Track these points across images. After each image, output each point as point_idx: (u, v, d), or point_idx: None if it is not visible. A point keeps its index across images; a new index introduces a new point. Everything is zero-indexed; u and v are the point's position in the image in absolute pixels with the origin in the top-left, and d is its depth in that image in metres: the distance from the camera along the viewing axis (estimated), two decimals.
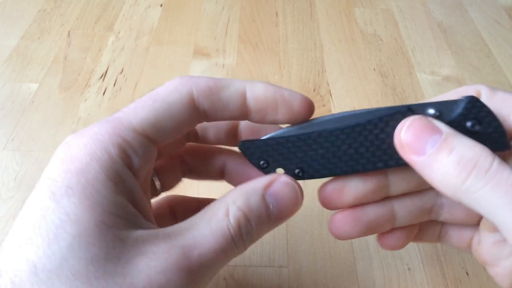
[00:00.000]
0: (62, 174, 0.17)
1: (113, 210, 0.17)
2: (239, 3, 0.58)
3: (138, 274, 0.16)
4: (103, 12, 0.56)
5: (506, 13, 0.58)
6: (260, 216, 0.20)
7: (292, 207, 0.21)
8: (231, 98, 0.21)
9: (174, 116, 0.20)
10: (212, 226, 0.18)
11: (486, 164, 0.17)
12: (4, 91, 0.45)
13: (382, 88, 0.46)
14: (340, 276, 0.31)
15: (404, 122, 0.20)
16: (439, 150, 0.18)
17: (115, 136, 0.18)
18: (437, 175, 0.19)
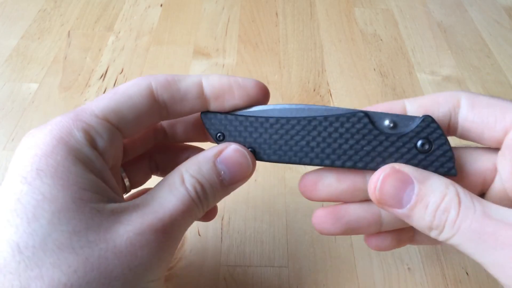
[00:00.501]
0: (30, 159, 0.18)
1: (87, 187, 0.18)
2: (239, 3, 0.58)
3: (120, 238, 0.18)
4: (103, 12, 0.56)
5: (506, 13, 0.58)
6: (212, 182, 0.21)
7: (243, 173, 0.22)
8: (189, 88, 0.22)
9: (134, 105, 0.21)
10: (174, 193, 0.20)
11: (453, 216, 0.19)
12: (4, 91, 0.45)
13: (382, 88, 0.46)
14: (340, 276, 0.31)
15: (376, 178, 0.21)
16: (416, 205, 0.20)
17: (78, 122, 0.19)
18: (417, 226, 0.20)
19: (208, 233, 0.33)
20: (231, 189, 0.22)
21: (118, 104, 0.21)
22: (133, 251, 0.18)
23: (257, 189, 0.36)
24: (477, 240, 0.18)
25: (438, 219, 0.19)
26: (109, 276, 0.17)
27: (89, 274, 0.17)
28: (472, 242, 0.19)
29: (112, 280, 0.17)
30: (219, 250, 0.32)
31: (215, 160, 0.22)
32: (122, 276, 0.17)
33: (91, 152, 0.19)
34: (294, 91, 0.46)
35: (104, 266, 0.17)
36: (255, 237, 0.33)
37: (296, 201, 0.36)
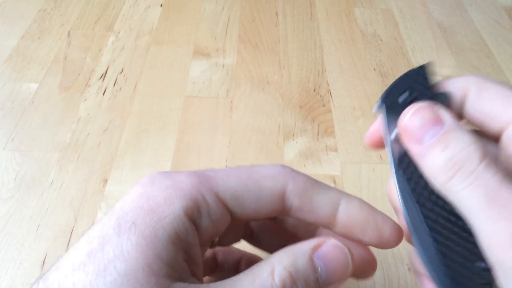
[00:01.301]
0: (134, 209, 0.18)
1: (163, 258, 0.17)
2: (239, 3, 0.58)
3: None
4: (103, 12, 0.56)
5: (506, 13, 0.58)
6: (307, 278, 0.19)
7: (342, 272, 0.20)
8: (322, 205, 0.21)
9: (260, 200, 0.20)
10: (256, 285, 0.18)
11: (472, 167, 0.18)
12: (4, 91, 0.45)
13: (382, 88, 0.46)
14: None
15: (411, 107, 0.20)
16: (435, 145, 0.19)
17: (196, 191, 0.19)
18: (428, 167, 0.19)
19: None
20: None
21: (244, 193, 0.20)
22: None
23: None
24: (485, 204, 0.17)
25: (451, 166, 0.18)
26: None
27: None
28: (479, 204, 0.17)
29: None
30: None
31: (313, 255, 0.19)
32: None
33: (189, 226, 0.19)
34: (294, 91, 0.46)
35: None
36: None
37: None
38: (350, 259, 0.20)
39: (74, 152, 0.39)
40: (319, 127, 0.42)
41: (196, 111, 0.43)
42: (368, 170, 0.38)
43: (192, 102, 0.44)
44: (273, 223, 0.25)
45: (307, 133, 0.41)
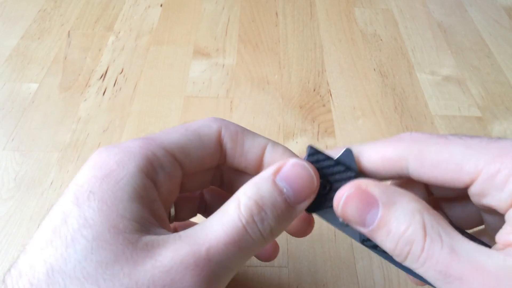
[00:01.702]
0: (88, 180, 0.18)
1: (127, 215, 0.18)
2: (239, 3, 0.58)
3: (144, 275, 0.17)
4: (103, 12, 0.56)
5: (506, 13, 0.58)
6: (274, 202, 0.19)
7: (308, 188, 0.20)
8: (252, 148, 0.22)
9: (202, 146, 0.21)
10: (223, 220, 0.18)
11: (418, 247, 0.18)
12: (4, 91, 0.45)
13: (382, 88, 0.46)
14: (340, 276, 0.31)
15: (339, 196, 0.19)
16: (378, 230, 0.19)
17: (145, 150, 0.19)
18: (383, 247, 0.19)
19: None
20: (298, 210, 0.20)
21: (187, 142, 0.21)
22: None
23: None
24: (442, 280, 0.17)
25: (400, 249, 0.18)
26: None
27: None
28: (437, 281, 0.17)
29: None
30: None
31: (275, 178, 0.19)
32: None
33: (147, 182, 0.19)
34: (294, 91, 0.46)
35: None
36: None
37: None
38: (312, 172, 0.20)
39: (74, 152, 0.39)
40: (319, 127, 0.42)
41: (196, 111, 0.43)
42: None
43: (192, 102, 0.44)
44: (224, 193, 0.26)
45: (307, 133, 0.41)
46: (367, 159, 0.21)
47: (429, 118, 0.43)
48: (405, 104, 0.45)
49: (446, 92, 0.46)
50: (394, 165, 0.20)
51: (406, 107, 0.44)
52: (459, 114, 0.44)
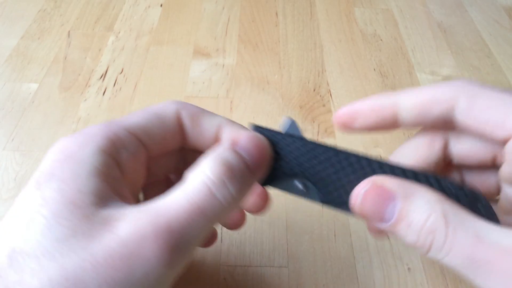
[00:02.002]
0: (50, 165, 0.19)
1: (85, 189, 0.18)
2: (239, 3, 0.58)
3: (100, 248, 0.16)
4: (103, 12, 0.56)
5: (506, 13, 0.58)
6: (239, 166, 0.20)
7: (264, 155, 0.21)
8: (209, 127, 0.23)
9: (162, 126, 0.22)
10: (186, 190, 0.18)
11: (441, 236, 0.18)
12: (4, 91, 0.45)
13: (382, 88, 0.46)
14: (340, 276, 0.31)
15: (356, 193, 0.20)
16: (398, 223, 0.19)
17: (106, 131, 0.20)
18: (404, 241, 0.19)
19: None
20: (257, 175, 0.21)
21: (148, 122, 0.21)
22: (111, 263, 0.16)
23: None
24: (470, 266, 0.17)
25: (423, 240, 0.18)
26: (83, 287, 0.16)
27: (63, 284, 0.16)
28: (465, 268, 0.17)
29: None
30: (219, 250, 0.32)
31: (234, 147, 0.20)
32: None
33: (108, 160, 0.19)
34: (294, 91, 0.46)
35: (80, 277, 0.16)
36: (255, 237, 0.33)
37: (296, 201, 0.36)
38: (266, 142, 0.22)
39: None
40: (319, 127, 0.42)
41: None
42: None
43: (192, 102, 0.44)
44: None
45: (307, 133, 0.41)
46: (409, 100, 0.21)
47: None
48: None
49: None
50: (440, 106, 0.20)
51: None
52: None
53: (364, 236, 0.33)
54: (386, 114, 0.21)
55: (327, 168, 0.21)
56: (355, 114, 0.22)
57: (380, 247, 0.33)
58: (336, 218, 0.34)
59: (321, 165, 0.21)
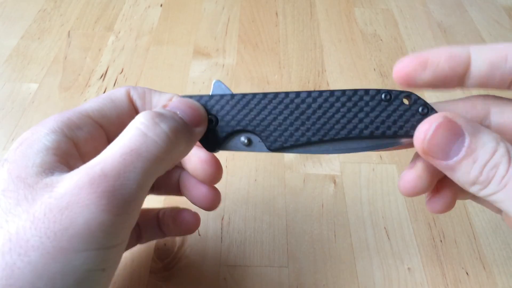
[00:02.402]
0: (7, 153, 0.20)
1: (30, 163, 0.19)
2: (239, 3, 0.58)
3: (40, 206, 0.17)
4: (103, 12, 0.56)
5: (506, 13, 0.58)
6: (173, 115, 0.21)
7: (198, 112, 0.22)
8: (159, 102, 0.24)
9: (115, 106, 0.23)
10: (119, 140, 0.19)
11: (503, 171, 0.19)
12: (4, 91, 0.45)
13: (382, 88, 0.46)
14: (340, 276, 0.31)
15: (427, 126, 0.20)
16: (464, 158, 0.20)
17: (58, 117, 0.21)
18: (461, 179, 0.20)
19: (208, 233, 0.33)
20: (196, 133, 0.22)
21: (101, 105, 0.23)
22: (51, 217, 0.17)
23: (257, 189, 0.36)
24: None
25: (486, 175, 0.19)
26: (25, 245, 0.17)
27: (6, 245, 0.17)
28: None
29: (29, 249, 0.17)
30: (219, 250, 0.32)
31: (166, 107, 0.22)
32: (40, 244, 0.17)
33: (60, 138, 0.20)
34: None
35: (21, 235, 0.17)
36: (255, 237, 0.33)
37: (296, 201, 0.36)
38: (198, 103, 0.23)
39: None
40: None
41: None
42: (368, 170, 0.38)
43: None
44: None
45: None
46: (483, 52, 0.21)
47: None
48: None
49: (446, 92, 0.46)
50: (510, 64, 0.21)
51: None
52: None
53: (364, 236, 0.33)
54: (460, 64, 0.21)
55: (266, 116, 0.22)
56: (425, 62, 0.21)
57: (380, 247, 0.33)
58: (336, 218, 0.34)
59: (259, 115, 0.22)
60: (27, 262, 0.16)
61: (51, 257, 0.17)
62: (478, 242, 0.33)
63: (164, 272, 0.31)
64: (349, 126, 0.22)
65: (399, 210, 0.35)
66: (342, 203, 0.35)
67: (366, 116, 0.22)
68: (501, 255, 0.32)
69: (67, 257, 0.17)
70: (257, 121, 0.22)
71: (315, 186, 0.37)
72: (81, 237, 0.17)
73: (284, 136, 0.22)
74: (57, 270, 0.17)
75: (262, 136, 0.22)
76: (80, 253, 0.17)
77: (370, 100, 0.22)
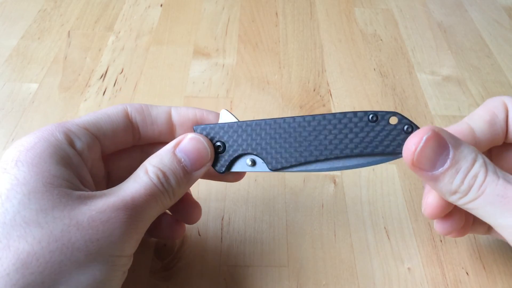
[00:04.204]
0: (13, 154, 0.21)
1: (58, 175, 0.21)
2: (239, 3, 0.58)
3: (82, 215, 0.20)
4: (103, 12, 0.56)
5: (506, 13, 0.58)
6: (174, 170, 0.24)
7: (202, 158, 0.25)
8: (159, 114, 0.27)
9: (111, 121, 0.25)
10: (138, 181, 0.23)
11: (481, 179, 0.21)
12: (4, 91, 0.45)
13: (382, 88, 0.46)
14: (340, 276, 0.31)
15: (417, 139, 0.22)
16: (449, 169, 0.21)
17: (60, 126, 0.23)
18: (443, 187, 0.22)
19: (208, 233, 0.33)
20: (195, 176, 0.25)
21: (97, 119, 0.25)
22: (94, 226, 0.20)
23: (257, 189, 0.36)
24: (498, 203, 0.20)
25: (467, 184, 0.21)
26: (72, 246, 0.19)
27: (52, 244, 0.19)
28: (493, 205, 0.20)
29: (75, 250, 0.19)
30: (219, 250, 0.32)
31: (175, 150, 0.24)
32: (84, 247, 0.19)
33: (68, 149, 0.22)
34: (294, 91, 0.46)
35: (67, 238, 0.19)
36: (255, 237, 0.33)
37: (296, 201, 0.36)
38: (206, 144, 0.25)
39: None
40: None
41: None
42: (368, 170, 0.38)
43: (192, 102, 0.44)
44: None
45: None
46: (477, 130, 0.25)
47: (429, 118, 0.43)
48: (405, 104, 0.45)
49: (446, 92, 0.46)
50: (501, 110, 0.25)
51: (406, 107, 0.44)
52: (459, 114, 0.44)
53: (364, 236, 0.33)
54: None
55: (267, 140, 0.25)
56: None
57: (380, 247, 0.33)
58: (336, 218, 0.34)
59: (261, 140, 0.25)
60: (74, 260, 0.19)
61: (93, 257, 0.20)
62: (478, 242, 0.33)
63: (164, 272, 0.31)
64: (341, 146, 0.24)
65: (399, 210, 0.35)
66: (342, 203, 0.35)
67: (355, 137, 0.24)
68: (501, 255, 0.32)
69: (105, 258, 0.20)
70: (259, 145, 0.25)
71: (315, 186, 0.37)
72: (117, 244, 0.21)
73: (283, 158, 0.25)
74: (97, 268, 0.20)
75: (263, 158, 0.25)
76: (114, 257, 0.21)
77: (359, 122, 0.24)
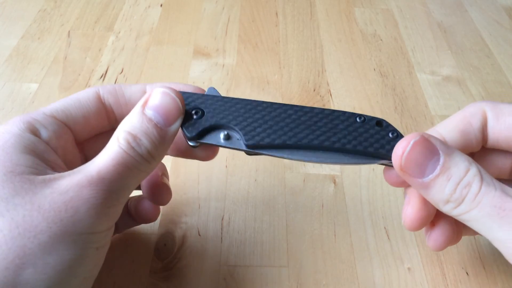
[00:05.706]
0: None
1: (21, 163, 0.21)
2: (239, 3, 0.58)
3: (44, 199, 0.20)
4: (103, 12, 0.56)
5: (506, 13, 0.58)
6: (146, 130, 0.22)
7: (173, 110, 0.23)
8: (133, 94, 0.26)
9: (81, 106, 0.25)
10: (108, 152, 0.22)
11: (476, 189, 0.20)
12: (4, 91, 0.45)
13: (382, 88, 0.46)
14: (340, 276, 0.31)
15: (405, 144, 0.21)
16: (439, 176, 0.20)
17: (24, 117, 0.23)
18: (434, 196, 0.21)
19: (208, 233, 0.33)
20: (171, 132, 0.23)
21: (66, 105, 0.24)
22: (56, 207, 0.20)
23: (257, 189, 0.36)
24: (496, 215, 0.19)
25: (459, 193, 0.20)
26: (34, 230, 0.19)
27: (14, 231, 0.19)
28: (490, 218, 0.19)
29: (38, 233, 0.19)
30: (219, 250, 0.32)
31: (143, 110, 0.23)
32: (47, 229, 0.19)
33: (33, 138, 0.22)
34: (294, 91, 0.46)
35: (29, 223, 0.19)
36: (255, 237, 0.33)
37: (296, 201, 0.36)
38: (175, 95, 0.23)
39: None
40: None
41: None
42: (368, 170, 0.38)
43: None
44: None
45: None
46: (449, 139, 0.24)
47: (429, 118, 0.43)
48: (405, 104, 0.45)
49: (446, 92, 0.46)
50: (476, 118, 0.23)
51: (406, 107, 0.44)
52: None
53: (364, 236, 0.33)
54: None
55: (249, 117, 0.25)
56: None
57: (380, 247, 0.33)
58: (336, 218, 0.34)
59: (243, 115, 0.25)
60: (37, 243, 0.19)
61: (58, 238, 0.19)
62: (478, 242, 0.33)
63: (164, 272, 0.31)
64: (322, 137, 0.24)
65: (399, 210, 0.35)
66: (342, 203, 0.35)
67: (339, 132, 0.24)
68: (501, 255, 0.32)
69: (72, 238, 0.20)
70: (239, 120, 0.24)
71: (315, 186, 0.37)
72: (83, 222, 0.20)
73: (261, 135, 0.24)
74: (64, 248, 0.20)
75: (241, 132, 0.24)
76: (81, 235, 0.20)
77: (346, 120, 0.24)
